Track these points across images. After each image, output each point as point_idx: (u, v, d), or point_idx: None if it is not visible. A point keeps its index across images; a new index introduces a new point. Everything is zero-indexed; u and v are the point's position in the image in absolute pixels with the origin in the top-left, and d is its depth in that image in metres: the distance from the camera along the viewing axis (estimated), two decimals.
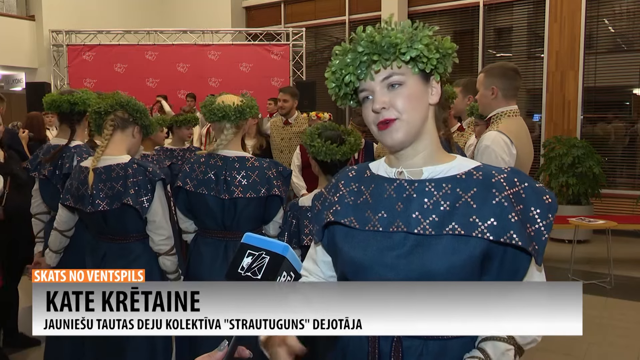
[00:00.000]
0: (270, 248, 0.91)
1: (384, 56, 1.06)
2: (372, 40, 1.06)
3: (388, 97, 1.09)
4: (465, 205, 1.07)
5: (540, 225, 1.06)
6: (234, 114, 2.29)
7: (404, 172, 1.15)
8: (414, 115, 1.10)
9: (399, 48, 1.05)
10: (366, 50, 1.06)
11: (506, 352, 1.08)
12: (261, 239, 0.93)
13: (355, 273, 1.14)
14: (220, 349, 0.84)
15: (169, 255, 2.25)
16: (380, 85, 1.09)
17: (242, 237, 0.97)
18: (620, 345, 3.60)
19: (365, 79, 1.09)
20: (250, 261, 0.90)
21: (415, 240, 1.08)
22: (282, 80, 8.53)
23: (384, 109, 1.08)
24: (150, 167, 2.22)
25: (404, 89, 1.09)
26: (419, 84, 1.10)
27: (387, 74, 1.08)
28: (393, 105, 1.09)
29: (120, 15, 10.11)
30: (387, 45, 1.05)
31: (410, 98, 1.09)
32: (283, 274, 0.88)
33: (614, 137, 7.49)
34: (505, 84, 2.54)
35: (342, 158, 2.23)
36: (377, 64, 1.07)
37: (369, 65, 1.08)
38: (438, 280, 1.05)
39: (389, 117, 1.09)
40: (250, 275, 0.88)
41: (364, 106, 1.14)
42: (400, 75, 1.08)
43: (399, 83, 1.08)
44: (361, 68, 1.08)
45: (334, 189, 1.25)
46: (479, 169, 1.12)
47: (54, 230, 2.43)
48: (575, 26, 7.32)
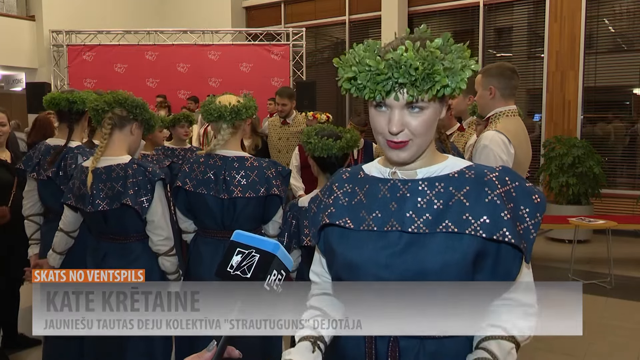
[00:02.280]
0: (260, 246, 0.88)
1: (418, 87, 1.01)
2: (413, 72, 0.99)
3: (405, 118, 1.06)
4: (459, 203, 1.08)
5: (528, 224, 1.07)
6: (229, 114, 2.29)
7: (397, 173, 1.15)
8: (425, 139, 1.10)
9: (436, 86, 1.00)
10: (401, 80, 1.00)
11: (511, 351, 1.08)
12: (251, 236, 0.90)
13: (350, 273, 1.15)
14: (209, 349, 0.84)
15: (168, 256, 2.25)
16: (401, 106, 1.06)
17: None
18: (620, 345, 3.60)
19: (388, 97, 1.04)
20: (239, 259, 0.87)
21: (409, 238, 1.09)
22: (282, 80, 8.53)
23: (400, 132, 1.07)
24: (150, 167, 2.22)
25: (422, 115, 1.07)
26: (437, 108, 1.09)
27: (413, 100, 1.04)
28: (408, 127, 1.07)
29: (120, 15, 10.12)
30: (426, 78, 1.00)
31: (427, 124, 1.07)
32: (274, 272, 0.86)
33: (614, 137, 7.49)
34: (503, 84, 2.55)
35: (338, 153, 2.24)
36: (409, 96, 1.02)
37: (399, 90, 1.03)
38: (432, 278, 1.06)
39: (403, 139, 1.07)
40: (239, 274, 0.86)
41: (375, 112, 1.10)
42: (424, 103, 1.05)
43: (420, 108, 1.06)
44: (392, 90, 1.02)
45: (328, 191, 1.26)
46: (471, 168, 1.13)
47: (60, 232, 2.41)
48: (575, 26, 7.32)
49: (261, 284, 0.85)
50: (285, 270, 0.88)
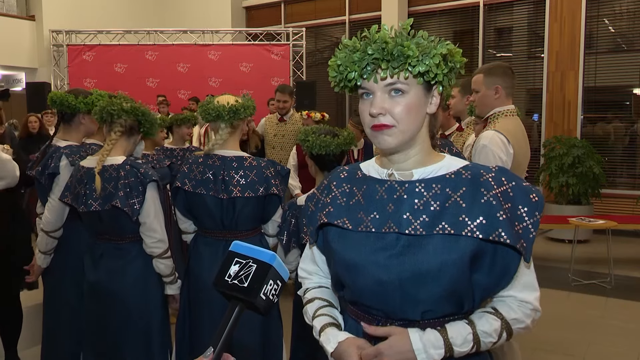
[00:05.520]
0: (257, 257, 0.91)
1: (393, 64, 1.05)
2: (384, 46, 1.04)
3: (387, 103, 1.08)
4: (455, 204, 1.08)
5: (527, 223, 1.07)
6: (227, 114, 2.29)
7: (394, 174, 1.16)
8: (409, 125, 1.10)
9: (409, 60, 1.03)
10: (376, 55, 1.05)
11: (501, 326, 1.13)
12: (249, 247, 0.92)
13: (348, 273, 1.15)
14: (206, 356, 0.84)
15: (162, 259, 2.23)
16: (381, 89, 1.08)
17: (241, 237, 0.97)
18: (620, 345, 3.59)
19: (368, 79, 1.08)
20: (237, 269, 0.90)
21: (406, 240, 1.09)
22: (282, 80, 8.53)
23: (380, 115, 1.08)
24: (143, 168, 2.19)
25: (404, 98, 1.08)
26: (421, 95, 1.10)
27: (392, 80, 1.07)
28: (390, 112, 1.08)
29: (121, 15, 10.12)
30: (398, 55, 1.04)
31: (409, 108, 1.08)
32: (270, 283, 0.88)
33: (614, 137, 7.48)
34: (507, 83, 2.57)
35: (336, 150, 2.25)
36: (384, 71, 1.06)
37: (375, 69, 1.07)
38: (430, 278, 1.06)
39: (384, 122, 1.08)
40: (236, 283, 0.88)
41: (361, 102, 1.13)
42: (403, 85, 1.07)
43: (401, 91, 1.08)
44: (367, 69, 1.07)
45: (326, 190, 1.26)
46: (467, 168, 1.13)
47: (41, 232, 2.43)
48: (575, 26, 7.32)
49: (258, 293, 0.87)
50: (281, 281, 0.91)
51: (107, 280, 2.22)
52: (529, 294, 1.13)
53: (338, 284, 1.23)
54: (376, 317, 1.15)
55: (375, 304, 1.14)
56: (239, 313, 0.88)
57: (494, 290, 1.13)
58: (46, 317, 2.63)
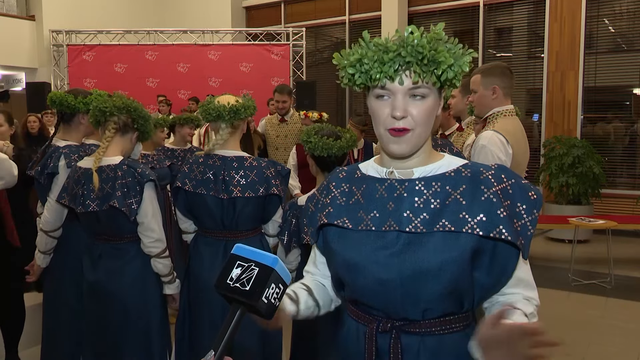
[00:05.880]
0: (259, 260, 0.90)
1: (424, 68, 1.04)
2: (420, 50, 1.03)
3: (409, 105, 1.08)
4: (455, 202, 1.08)
5: (526, 220, 1.08)
6: (227, 114, 2.30)
7: (394, 172, 1.16)
8: (425, 129, 1.10)
9: (441, 66, 1.03)
10: (408, 58, 1.03)
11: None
12: (251, 250, 0.92)
13: (349, 272, 1.15)
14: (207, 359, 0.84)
15: (160, 258, 2.23)
16: (404, 92, 1.07)
17: (242, 237, 0.96)
18: (620, 345, 3.59)
19: (392, 81, 1.07)
20: (239, 272, 0.90)
21: (407, 238, 1.09)
22: (282, 80, 8.52)
23: (403, 118, 1.08)
24: (140, 168, 2.19)
25: (424, 103, 1.08)
26: (436, 98, 1.11)
27: (417, 85, 1.06)
28: (410, 115, 1.08)
29: (120, 15, 10.12)
30: (432, 60, 1.03)
31: (428, 112, 1.09)
32: (272, 286, 0.88)
33: (614, 137, 7.48)
34: (505, 83, 2.56)
35: (338, 152, 2.25)
36: (415, 75, 1.05)
37: (403, 71, 1.06)
38: (431, 276, 1.07)
39: (405, 126, 1.08)
40: (238, 286, 0.88)
41: (377, 103, 1.11)
42: (426, 89, 1.07)
43: (422, 95, 1.08)
44: (397, 71, 1.05)
45: (325, 190, 1.27)
46: (467, 167, 1.13)
47: (40, 232, 2.43)
48: (575, 26, 7.32)
49: (260, 296, 0.87)
50: (282, 284, 0.90)
51: (106, 280, 2.22)
52: (531, 291, 1.14)
53: (338, 284, 1.23)
54: (377, 317, 1.15)
55: (376, 303, 1.14)
56: (241, 316, 0.88)
57: (494, 289, 1.13)
58: (46, 317, 2.63)
